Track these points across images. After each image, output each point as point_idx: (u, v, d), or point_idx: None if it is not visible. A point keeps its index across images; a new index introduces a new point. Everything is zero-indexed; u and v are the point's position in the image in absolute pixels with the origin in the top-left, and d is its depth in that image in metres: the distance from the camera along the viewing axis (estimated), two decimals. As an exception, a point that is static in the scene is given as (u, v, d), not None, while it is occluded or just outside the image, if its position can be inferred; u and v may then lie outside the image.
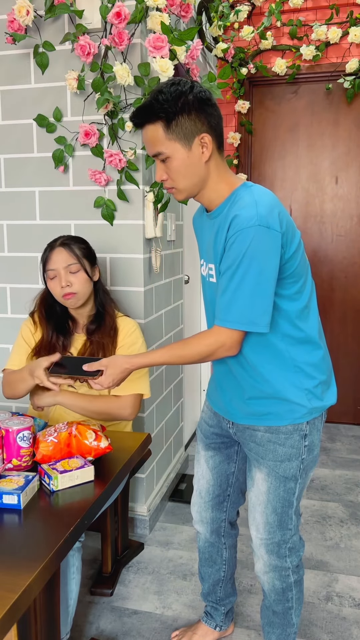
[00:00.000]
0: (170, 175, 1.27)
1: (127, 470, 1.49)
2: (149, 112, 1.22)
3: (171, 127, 1.22)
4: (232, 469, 1.57)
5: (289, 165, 3.48)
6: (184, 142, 1.23)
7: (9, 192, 2.21)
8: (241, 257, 1.18)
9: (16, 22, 1.92)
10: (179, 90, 1.21)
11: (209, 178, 1.29)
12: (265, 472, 1.39)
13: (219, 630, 1.73)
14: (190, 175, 1.27)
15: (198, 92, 1.22)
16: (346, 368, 3.55)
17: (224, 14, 2.86)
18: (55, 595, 1.23)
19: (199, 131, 1.23)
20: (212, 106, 1.25)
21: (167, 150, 1.24)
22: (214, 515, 1.60)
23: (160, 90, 1.22)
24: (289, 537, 1.42)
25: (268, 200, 1.22)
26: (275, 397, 1.34)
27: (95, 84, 1.89)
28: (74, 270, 1.71)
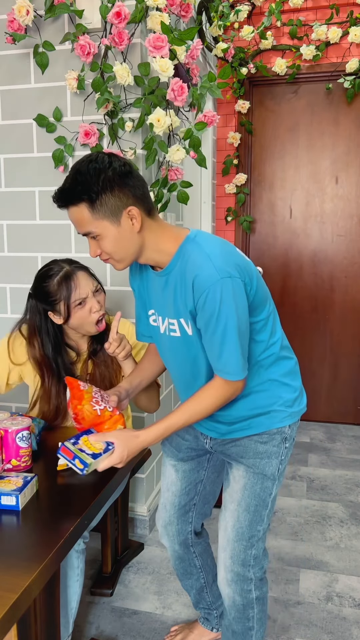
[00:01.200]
0: (104, 250, 1.25)
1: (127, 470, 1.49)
2: (71, 194, 1.20)
3: (96, 207, 1.19)
4: (202, 476, 1.55)
5: (289, 165, 3.48)
6: (111, 219, 1.21)
7: (9, 192, 2.21)
8: (217, 314, 1.19)
9: (16, 22, 1.92)
10: (98, 167, 1.18)
11: (145, 243, 1.27)
12: (243, 469, 1.39)
13: (216, 632, 1.73)
14: (124, 248, 1.25)
15: (117, 167, 1.20)
16: (346, 368, 3.55)
17: (224, 13, 2.86)
18: (55, 595, 1.23)
19: (125, 205, 1.20)
20: (134, 177, 1.23)
21: (96, 229, 1.22)
22: (179, 527, 1.57)
23: (79, 171, 1.19)
24: (255, 541, 1.39)
25: (218, 249, 1.23)
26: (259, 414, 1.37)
27: (95, 83, 1.88)
28: (98, 290, 1.66)
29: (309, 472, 2.92)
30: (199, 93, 2.05)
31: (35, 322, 1.68)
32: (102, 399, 1.39)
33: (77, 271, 1.63)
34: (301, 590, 1.99)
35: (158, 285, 1.34)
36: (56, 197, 1.23)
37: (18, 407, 2.30)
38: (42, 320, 1.67)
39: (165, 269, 1.29)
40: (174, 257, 1.27)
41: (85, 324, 1.64)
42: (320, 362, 3.59)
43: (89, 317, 1.63)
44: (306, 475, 2.88)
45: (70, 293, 1.59)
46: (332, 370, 3.58)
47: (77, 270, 1.63)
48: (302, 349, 3.59)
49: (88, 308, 1.62)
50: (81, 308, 1.61)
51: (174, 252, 1.27)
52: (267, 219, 3.55)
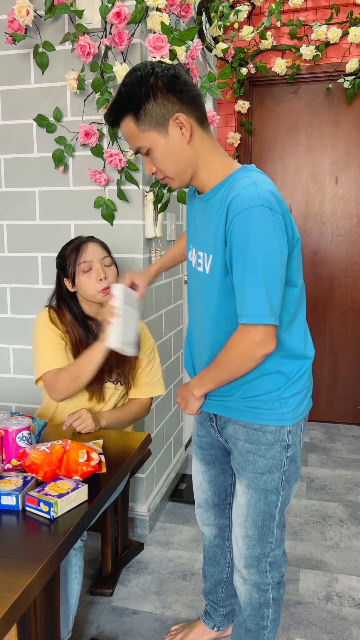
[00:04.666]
0: (157, 166, 1.20)
1: (127, 470, 1.49)
2: (118, 108, 1.16)
3: (140, 117, 1.14)
4: (229, 481, 1.55)
5: (289, 165, 3.48)
6: (159, 130, 1.15)
7: (9, 192, 2.21)
8: (247, 244, 1.09)
9: (16, 22, 1.92)
10: (140, 75, 1.13)
11: (198, 158, 1.20)
12: (244, 485, 1.34)
13: (217, 631, 1.73)
14: (177, 161, 1.18)
15: (161, 72, 1.13)
16: (346, 368, 3.55)
17: (224, 14, 2.86)
18: (55, 595, 1.23)
19: (171, 113, 1.14)
20: (182, 82, 1.16)
21: (145, 142, 1.17)
22: (216, 521, 1.60)
23: (123, 82, 1.15)
24: (269, 551, 1.36)
25: (270, 184, 1.15)
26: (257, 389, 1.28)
27: (95, 84, 1.89)
28: (108, 264, 1.73)
29: (309, 472, 2.92)
30: (199, 93, 2.04)
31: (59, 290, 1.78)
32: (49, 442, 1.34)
33: (90, 241, 1.73)
34: (301, 590, 1.99)
35: (199, 211, 1.27)
36: (107, 115, 1.20)
37: (18, 407, 2.30)
38: (62, 288, 1.76)
39: (208, 193, 1.22)
40: (220, 182, 1.20)
41: (90, 289, 1.69)
42: (320, 362, 3.59)
43: (94, 283, 1.68)
44: (306, 475, 2.88)
45: (77, 256, 1.70)
46: (332, 370, 3.58)
47: (90, 241, 1.74)
48: (302, 349, 3.59)
49: (94, 275, 1.68)
50: (87, 274, 1.69)
51: (222, 177, 1.20)
52: (267, 219, 3.55)
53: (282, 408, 1.29)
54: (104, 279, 1.68)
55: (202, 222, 1.24)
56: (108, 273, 1.71)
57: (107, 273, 1.70)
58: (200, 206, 1.26)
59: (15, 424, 1.38)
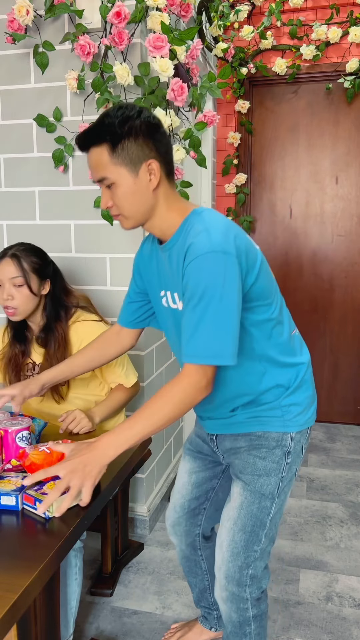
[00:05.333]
0: (115, 202, 1.21)
1: (127, 470, 1.49)
2: (95, 134, 1.17)
3: (117, 150, 1.16)
4: (214, 485, 1.52)
5: (289, 165, 3.48)
6: (130, 168, 1.17)
7: (9, 192, 2.21)
8: (200, 288, 1.11)
9: (16, 21, 1.92)
10: (126, 114, 1.16)
11: (157, 207, 1.23)
12: (241, 486, 1.33)
13: (215, 631, 1.73)
14: (137, 203, 1.20)
15: (146, 117, 1.18)
16: (346, 368, 3.55)
17: (224, 13, 2.86)
18: (55, 595, 1.23)
19: (146, 157, 1.17)
20: (161, 133, 1.20)
21: (112, 175, 1.17)
22: (187, 529, 1.56)
23: (107, 114, 1.17)
24: (252, 561, 1.32)
25: (220, 224, 1.17)
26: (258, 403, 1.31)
27: (95, 83, 1.88)
28: (18, 284, 1.67)
29: (309, 472, 2.92)
30: (199, 93, 2.05)
31: None
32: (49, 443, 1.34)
33: (5, 257, 1.68)
34: (301, 590, 1.99)
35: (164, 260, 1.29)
36: (80, 137, 1.21)
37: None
38: None
39: (168, 243, 1.25)
40: (177, 230, 1.23)
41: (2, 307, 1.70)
42: (320, 362, 3.59)
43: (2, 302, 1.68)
44: (306, 475, 2.88)
45: None
46: (332, 370, 3.58)
47: (7, 255, 1.68)
48: (302, 349, 3.59)
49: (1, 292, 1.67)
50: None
51: (178, 225, 1.23)
52: (267, 219, 3.55)
53: (284, 415, 1.31)
54: (5, 300, 1.67)
55: (170, 267, 1.26)
56: (15, 294, 1.66)
57: (13, 294, 1.66)
58: (164, 254, 1.28)
59: (15, 424, 1.38)
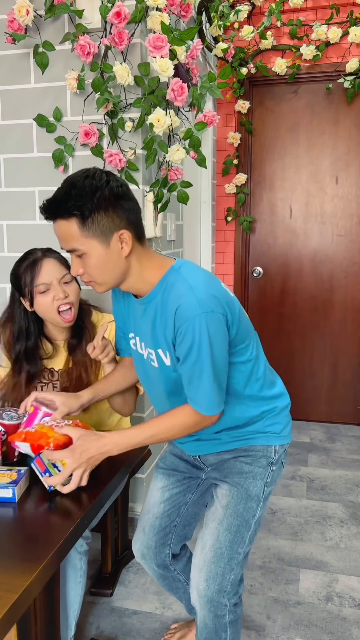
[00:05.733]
0: (87, 270, 1.21)
1: (127, 470, 1.49)
2: (62, 208, 1.15)
3: (87, 224, 1.15)
4: (187, 499, 1.51)
5: (289, 165, 3.48)
6: (101, 239, 1.16)
7: (9, 192, 2.21)
8: (195, 347, 1.17)
9: (16, 21, 1.92)
10: (94, 185, 1.14)
11: (130, 270, 1.23)
12: (226, 487, 1.36)
13: None
14: (109, 271, 1.21)
15: (115, 187, 1.16)
16: (346, 368, 3.55)
17: (224, 13, 2.86)
18: (55, 595, 1.23)
19: (117, 227, 1.17)
20: (130, 200, 1.20)
21: (82, 247, 1.17)
22: (156, 550, 1.52)
23: (73, 184, 1.15)
24: (235, 564, 1.31)
25: (201, 282, 1.20)
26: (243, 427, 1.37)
27: (95, 83, 1.88)
28: (67, 281, 1.62)
29: (309, 472, 2.92)
30: (199, 93, 2.05)
31: (11, 307, 1.69)
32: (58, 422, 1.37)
33: (46, 258, 1.61)
34: (301, 590, 1.99)
35: (138, 311, 1.31)
36: (45, 208, 1.19)
37: (18, 407, 2.29)
38: (15, 305, 1.67)
39: (146, 298, 1.26)
40: (155, 286, 1.24)
41: (49, 312, 1.60)
42: (320, 362, 3.59)
43: (51, 305, 1.59)
44: (306, 475, 2.88)
45: (33, 277, 1.58)
46: (332, 370, 3.58)
47: (46, 257, 1.61)
48: (302, 349, 3.59)
49: (51, 295, 1.58)
50: (44, 295, 1.59)
51: (156, 282, 1.24)
52: (267, 219, 3.55)
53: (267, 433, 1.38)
54: (61, 299, 1.59)
55: (146, 321, 1.28)
56: (68, 291, 1.61)
57: (67, 291, 1.60)
58: (139, 307, 1.30)
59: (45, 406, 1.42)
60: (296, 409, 3.63)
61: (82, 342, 1.70)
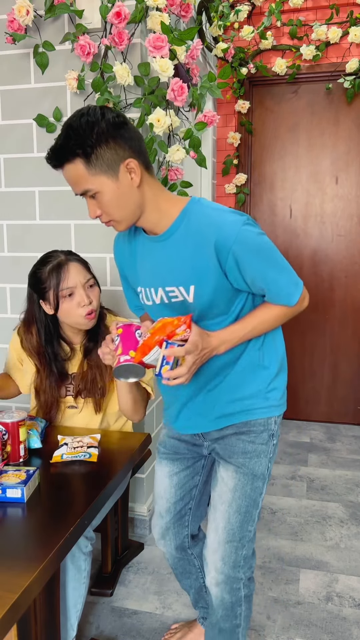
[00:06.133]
0: (103, 209, 1.19)
1: (127, 470, 1.49)
2: (64, 151, 1.14)
3: (91, 161, 1.13)
4: (196, 482, 1.52)
5: (289, 165, 3.48)
6: (109, 174, 1.15)
7: (9, 192, 2.21)
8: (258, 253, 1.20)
9: (16, 22, 1.92)
10: (90, 120, 1.13)
11: (145, 201, 1.22)
12: (232, 469, 1.36)
13: None
14: (125, 205, 1.19)
15: (111, 118, 1.15)
16: (346, 368, 3.55)
17: (224, 13, 2.86)
18: (55, 595, 1.24)
19: (122, 158, 1.15)
20: (129, 129, 1.18)
21: (93, 186, 1.16)
22: (176, 532, 1.55)
23: (70, 126, 1.14)
24: (246, 541, 1.37)
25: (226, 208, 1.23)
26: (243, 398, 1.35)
27: (95, 83, 1.88)
28: (91, 284, 1.62)
29: (309, 472, 2.92)
30: (199, 93, 2.05)
31: (31, 311, 1.68)
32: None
33: (71, 262, 1.60)
34: (301, 590, 1.99)
35: (152, 252, 1.28)
36: (49, 156, 1.19)
37: (18, 407, 2.30)
38: (35, 309, 1.67)
39: (166, 232, 1.24)
40: (176, 219, 1.23)
41: (73, 316, 1.60)
42: (320, 362, 3.59)
43: (77, 309, 1.59)
44: (306, 475, 2.88)
45: (59, 282, 1.57)
46: (332, 370, 3.58)
47: (70, 261, 1.60)
48: (302, 349, 3.59)
49: (76, 301, 1.58)
50: (70, 300, 1.58)
51: (176, 214, 1.23)
52: (267, 219, 3.55)
53: (268, 401, 1.37)
54: (87, 304, 1.59)
55: (162, 259, 1.27)
56: (92, 296, 1.61)
57: (91, 296, 1.60)
58: (155, 246, 1.28)
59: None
60: (296, 409, 3.63)
61: (97, 346, 1.69)
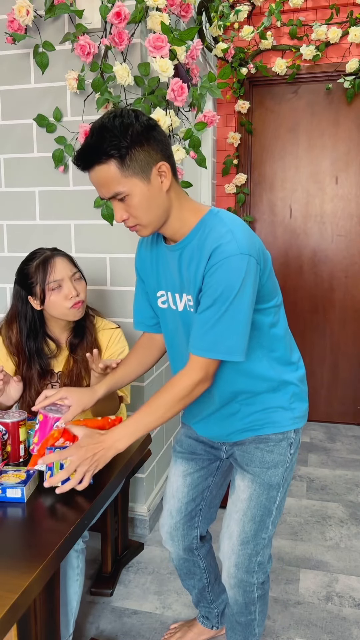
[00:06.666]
0: (131, 213, 1.18)
1: (127, 470, 1.49)
2: (98, 152, 1.12)
3: (125, 163, 1.12)
4: (209, 483, 1.53)
5: (289, 166, 3.48)
6: (141, 176, 1.14)
7: (9, 192, 2.21)
8: (220, 288, 1.15)
9: (16, 22, 1.92)
10: (125, 122, 1.11)
11: (172, 207, 1.22)
12: (249, 479, 1.36)
13: (216, 629, 1.74)
14: (153, 209, 1.18)
15: (144, 121, 1.15)
16: (346, 368, 3.55)
17: (224, 13, 2.85)
18: (55, 595, 1.23)
19: (155, 161, 1.15)
20: (160, 132, 1.19)
21: (125, 188, 1.14)
22: (184, 533, 1.55)
23: (104, 126, 1.12)
24: (260, 548, 1.38)
25: (242, 228, 1.20)
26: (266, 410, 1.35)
27: (95, 84, 1.88)
28: (77, 278, 1.66)
29: (309, 472, 2.92)
30: (199, 93, 2.05)
31: (16, 306, 1.70)
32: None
33: (57, 256, 1.64)
34: (301, 590, 1.99)
35: (170, 260, 1.29)
36: (79, 157, 1.15)
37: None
38: (22, 305, 1.69)
39: (182, 242, 1.25)
40: (192, 229, 1.23)
41: (60, 307, 1.62)
42: (320, 362, 3.59)
43: (64, 302, 1.62)
44: (306, 475, 2.88)
45: (46, 275, 1.60)
46: (332, 370, 3.58)
47: (56, 256, 1.64)
48: (302, 348, 3.59)
49: (64, 293, 1.61)
50: (56, 292, 1.61)
51: (193, 226, 1.23)
52: (267, 219, 3.55)
53: (293, 412, 1.37)
54: (75, 296, 1.62)
55: (178, 267, 1.27)
56: (79, 288, 1.65)
57: (78, 289, 1.64)
58: (171, 255, 1.28)
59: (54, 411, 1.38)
60: (296, 409, 3.63)
61: (83, 342, 1.72)
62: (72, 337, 1.74)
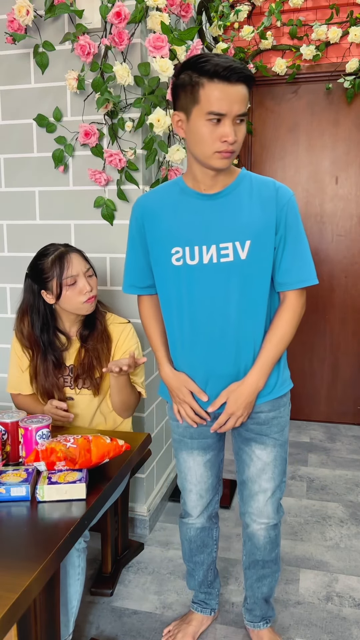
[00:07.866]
0: (239, 137, 1.29)
1: (127, 470, 1.49)
2: (247, 74, 1.25)
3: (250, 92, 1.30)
4: (222, 456, 1.66)
5: (289, 165, 3.48)
6: None
7: (9, 192, 2.21)
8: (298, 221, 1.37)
9: (16, 22, 1.92)
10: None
11: None
12: (270, 445, 1.51)
13: (213, 615, 1.77)
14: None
15: None
16: (346, 368, 3.55)
17: (224, 13, 2.86)
18: (55, 595, 1.24)
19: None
20: None
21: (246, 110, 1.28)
22: (211, 501, 1.66)
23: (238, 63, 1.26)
24: (282, 490, 1.59)
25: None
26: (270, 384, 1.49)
27: (95, 83, 1.88)
28: (90, 274, 1.73)
29: (309, 472, 2.92)
30: (199, 93, 2.04)
31: (28, 301, 1.75)
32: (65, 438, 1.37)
33: (71, 252, 1.70)
34: (301, 590, 1.99)
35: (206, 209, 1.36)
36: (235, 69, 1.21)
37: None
38: (34, 299, 1.73)
39: (227, 189, 1.36)
40: (235, 180, 1.37)
41: (75, 302, 1.69)
42: (320, 362, 3.59)
43: (78, 297, 1.68)
44: (306, 475, 2.88)
45: (62, 271, 1.66)
46: (332, 370, 3.58)
47: (71, 251, 1.70)
48: (302, 348, 3.59)
49: (78, 288, 1.68)
50: (72, 287, 1.67)
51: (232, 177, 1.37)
52: (267, 219, 3.55)
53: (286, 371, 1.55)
54: (89, 292, 1.69)
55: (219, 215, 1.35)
56: (92, 284, 1.72)
57: (91, 284, 1.71)
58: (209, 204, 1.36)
59: (35, 422, 1.42)
60: (296, 409, 3.62)
61: (93, 332, 1.78)
62: (82, 328, 1.78)
